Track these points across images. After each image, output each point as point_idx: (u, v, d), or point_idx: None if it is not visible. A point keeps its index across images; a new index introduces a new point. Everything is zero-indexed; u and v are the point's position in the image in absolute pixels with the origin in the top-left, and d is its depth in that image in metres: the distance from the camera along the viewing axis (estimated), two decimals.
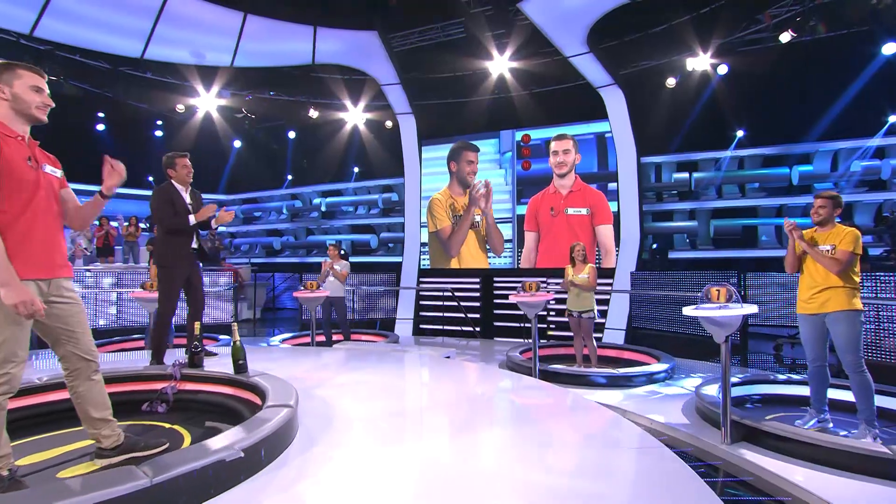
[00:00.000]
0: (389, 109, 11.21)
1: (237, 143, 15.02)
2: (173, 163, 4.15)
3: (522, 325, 9.02)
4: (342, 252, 12.36)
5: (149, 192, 15.69)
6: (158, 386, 3.23)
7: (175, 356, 3.61)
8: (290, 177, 15.79)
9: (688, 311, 3.32)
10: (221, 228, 17.12)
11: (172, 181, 4.07)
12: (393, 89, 10.29)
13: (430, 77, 11.16)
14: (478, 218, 10.35)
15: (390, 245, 13.59)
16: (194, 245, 4.08)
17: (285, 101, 12.26)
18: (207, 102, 11.08)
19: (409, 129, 11.28)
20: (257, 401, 2.81)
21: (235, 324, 3.27)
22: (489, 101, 11.05)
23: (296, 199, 15.72)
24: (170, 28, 7.40)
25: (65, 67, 9.29)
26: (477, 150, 10.57)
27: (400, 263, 11.31)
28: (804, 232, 3.73)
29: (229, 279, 10.75)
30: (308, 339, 7.62)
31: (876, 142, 9.88)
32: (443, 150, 11.13)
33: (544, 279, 9.55)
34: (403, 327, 10.55)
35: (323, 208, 14.98)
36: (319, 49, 8.69)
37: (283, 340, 7.62)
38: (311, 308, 6.44)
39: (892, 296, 5.17)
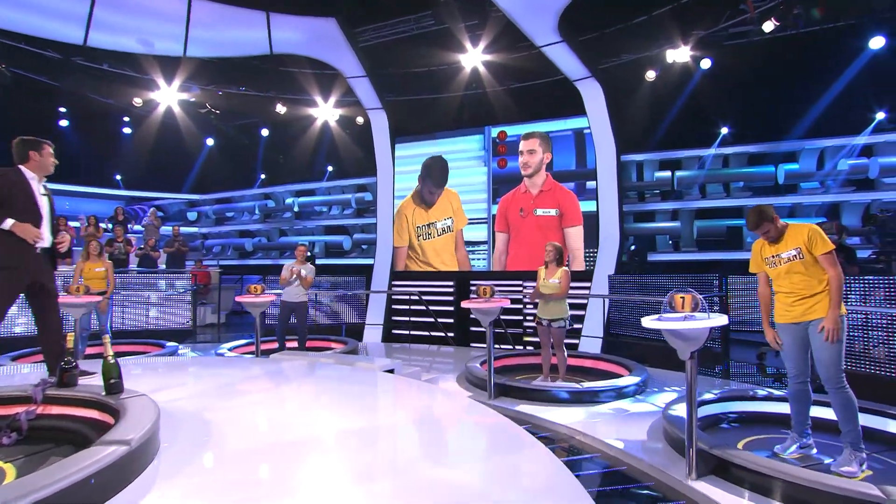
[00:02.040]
0: (360, 105, 10.70)
1: (209, 142, 14.46)
2: (39, 147, 3.36)
3: (505, 331, 8.52)
4: (309, 254, 11.84)
5: (116, 192, 15.30)
6: (13, 411, 2.68)
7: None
8: (262, 176, 15.22)
9: (648, 322, 2.83)
10: (193, 230, 16.53)
11: (22, 168, 3.29)
12: (360, 83, 9.79)
13: (401, 71, 10.68)
14: (449, 221, 9.87)
15: (364, 247, 13.07)
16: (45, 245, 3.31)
17: (255, 98, 11.73)
18: (169, 96, 10.49)
19: (380, 126, 10.77)
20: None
21: (107, 336, 2.75)
22: (465, 96, 10.60)
23: (268, 198, 15.16)
24: (109, 12, 6.84)
25: (7, 56, 8.70)
26: (440, 186, 10.00)
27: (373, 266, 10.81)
28: (759, 242, 3.44)
29: (188, 282, 10.17)
30: (265, 347, 7.11)
31: (863, 139, 9.52)
32: (417, 148, 10.64)
33: (520, 282, 9.11)
34: (373, 333, 10.02)
35: (296, 208, 14.44)
36: (276, 38, 8.17)
37: (234, 348, 7.07)
38: (256, 314, 5.92)
39: (882, 300, 4.72)
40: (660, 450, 3.32)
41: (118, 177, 15.28)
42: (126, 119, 12.98)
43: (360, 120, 11.61)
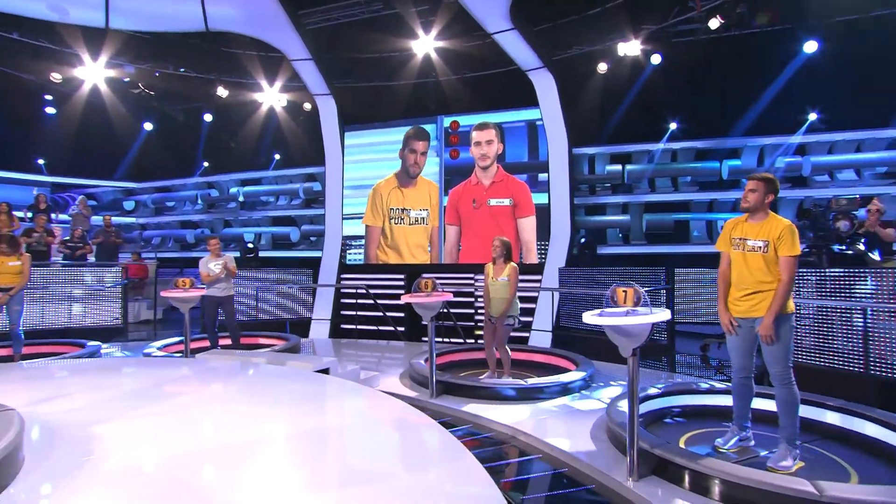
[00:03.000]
0: (307, 90, 10.22)
1: (147, 126, 13.50)
2: None
3: (455, 323, 8.35)
4: (251, 246, 11.26)
5: (39, 178, 14.06)
6: None
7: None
8: (205, 163, 14.38)
9: (589, 317, 2.68)
10: (130, 220, 15.50)
11: None
12: (306, 66, 9.32)
13: (351, 56, 10.25)
14: (424, 213, 9.58)
15: (312, 238, 12.59)
16: None
17: (196, 80, 10.99)
18: (95, 73, 9.60)
19: (328, 113, 10.34)
20: None
21: None
22: (417, 85, 10.30)
23: (212, 187, 14.36)
24: None
25: None
26: (425, 138, 9.74)
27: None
28: (733, 221, 3.23)
29: (119, 276, 9.43)
30: (196, 345, 6.64)
31: (797, 139, 9.90)
32: (367, 136, 10.30)
33: (472, 275, 8.97)
34: (320, 328, 9.64)
35: (241, 198, 13.73)
36: (211, 14, 7.61)
37: (164, 346, 6.56)
38: (185, 310, 5.48)
39: (814, 293, 4.83)
40: (603, 449, 3.20)
41: (41, 161, 14.07)
42: (49, 97, 11.88)
43: (307, 106, 11.13)
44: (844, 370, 4.43)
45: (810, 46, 8.62)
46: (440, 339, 7.93)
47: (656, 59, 9.07)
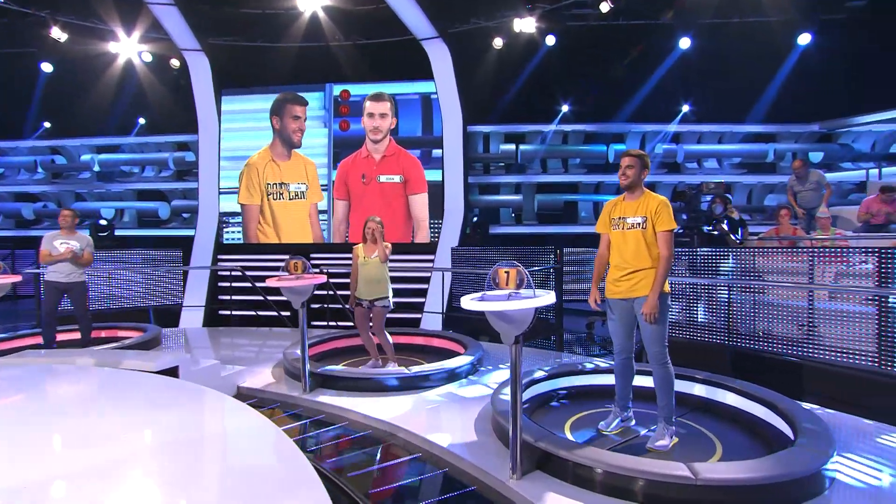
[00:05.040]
0: (174, 44, 8.86)
1: None
2: None
3: (345, 306, 7.78)
4: (104, 223, 9.64)
5: None
6: None
7: None
8: (46, 124, 12.10)
9: (468, 302, 2.37)
10: None
11: None
12: (168, 14, 8.04)
13: (227, 10, 9.03)
14: (303, 187, 8.78)
15: (185, 215, 11.19)
16: None
17: (21, 15, 8.97)
18: None
19: (201, 72, 9.10)
20: None
21: None
22: (304, 48, 9.39)
23: (57, 153, 12.15)
24: None
25: None
26: (305, 103, 8.96)
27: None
28: (612, 202, 3.22)
29: None
30: (23, 342, 5.46)
31: (673, 128, 10.62)
32: (248, 102, 9.24)
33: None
34: (193, 316, 8.56)
35: (96, 168, 11.78)
36: None
37: None
38: None
39: (685, 270, 5.06)
40: (487, 443, 2.97)
41: None
42: None
43: (175, 63, 9.70)
44: (709, 342, 4.69)
45: (684, 43, 9.17)
46: (326, 324, 7.35)
47: (551, 39, 9.11)
